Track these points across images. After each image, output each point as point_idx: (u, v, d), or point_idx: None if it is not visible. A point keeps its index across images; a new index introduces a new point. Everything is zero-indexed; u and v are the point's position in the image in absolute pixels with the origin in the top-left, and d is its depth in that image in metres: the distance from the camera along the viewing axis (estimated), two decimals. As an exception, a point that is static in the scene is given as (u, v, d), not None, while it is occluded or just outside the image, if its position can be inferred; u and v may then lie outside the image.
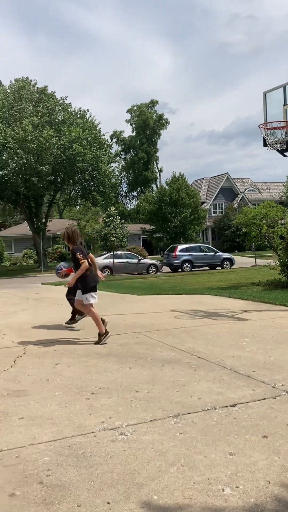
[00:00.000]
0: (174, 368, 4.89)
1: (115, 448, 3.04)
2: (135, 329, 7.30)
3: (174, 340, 6.30)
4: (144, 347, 5.98)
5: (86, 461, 2.86)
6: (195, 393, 4.07)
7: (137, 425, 3.40)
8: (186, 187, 37.31)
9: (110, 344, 6.19)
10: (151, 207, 37.13)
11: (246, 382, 4.33)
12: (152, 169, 69.86)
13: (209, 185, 53.55)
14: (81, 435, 3.26)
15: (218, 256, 26.91)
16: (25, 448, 3.07)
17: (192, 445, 3.04)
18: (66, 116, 31.50)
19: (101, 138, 32.67)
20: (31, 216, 34.16)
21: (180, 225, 35.57)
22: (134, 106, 68.59)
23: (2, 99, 30.27)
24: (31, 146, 27.23)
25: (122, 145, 69.31)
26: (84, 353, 5.72)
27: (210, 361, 5.13)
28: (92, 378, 4.65)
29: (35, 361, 5.42)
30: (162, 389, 4.22)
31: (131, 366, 5.04)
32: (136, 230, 44.15)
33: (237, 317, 8.15)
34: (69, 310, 7.87)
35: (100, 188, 33.02)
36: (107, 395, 4.09)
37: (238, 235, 43.22)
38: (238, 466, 2.74)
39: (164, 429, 3.33)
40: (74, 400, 3.99)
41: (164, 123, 68.93)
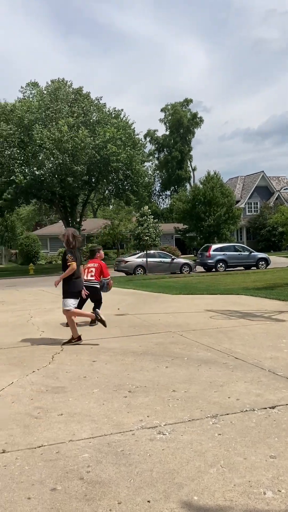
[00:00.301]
0: (211, 369, 4.86)
1: (153, 447, 3.04)
2: (170, 328, 7.29)
3: (210, 340, 6.25)
4: (180, 346, 5.96)
5: (125, 459, 2.88)
6: (233, 394, 4.02)
7: (175, 425, 3.40)
8: (220, 186, 36.92)
9: (146, 343, 6.20)
10: (185, 206, 36.94)
11: (285, 384, 4.25)
12: (186, 168, 69.57)
13: (244, 184, 52.83)
14: (120, 433, 3.28)
15: (253, 255, 26.51)
16: (64, 444, 3.11)
17: (231, 447, 3.01)
18: (101, 116, 31.75)
19: (135, 138, 32.75)
20: (66, 216, 34.64)
21: (214, 224, 35.23)
22: (168, 105, 68.50)
23: (39, 100, 30.82)
24: (67, 146, 27.60)
25: (155, 144, 69.34)
26: (121, 351, 5.75)
27: (248, 362, 5.06)
28: (129, 376, 4.67)
29: (72, 358, 5.49)
30: (199, 389, 4.19)
31: (168, 365, 5.03)
32: (169, 230, 44.08)
33: (274, 318, 8.01)
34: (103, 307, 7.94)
35: (134, 187, 33.12)
36: (145, 394, 4.10)
37: (273, 235, 42.49)
38: (280, 470, 2.69)
39: (203, 429, 3.30)
40: (111, 398, 4.02)
41: (198, 122, 68.54)
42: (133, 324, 7.80)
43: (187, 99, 69.03)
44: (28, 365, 5.19)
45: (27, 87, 33.05)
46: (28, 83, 32.99)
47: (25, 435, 3.27)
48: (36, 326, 7.91)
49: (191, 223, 36.88)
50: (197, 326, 7.39)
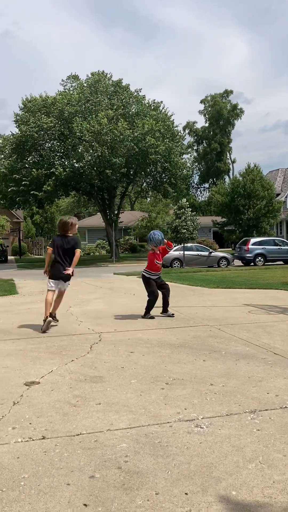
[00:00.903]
0: (249, 363, 4.79)
1: (191, 440, 3.03)
2: (208, 322, 7.24)
3: (249, 335, 6.17)
4: (218, 340, 5.92)
5: (162, 451, 2.88)
6: (272, 390, 3.96)
7: (212, 418, 3.37)
8: (260, 179, 36.22)
9: (183, 336, 6.19)
10: (223, 199, 36.48)
11: None
12: (225, 160, 68.65)
13: (284, 177, 51.60)
14: (157, 424, 3.29)
15: (293, 250, 25.94)
16: (103, 433, 3.15)
17: (270, 443, 2.96)
18: (140, 108, 31.71)
19: (174, 130, 32.56)
20: (104, 208, 34.94)
21: (254, 217, 34.64)
22: (208, 96, 67.68)
23: (79, 93, 31.10)
24: (106, 138, 27.75)
25: (194, 136, 68.71)
26: (158, 343, 5.76)
27: (287, 358, 4.96)
28: (166, 368, 4.67)
29: (110, 348, 5.54)
30: (237, 383, 4.15)
31: (205, 359, 5.00)
32: (207, 223, 43.68)
33: (315, 314, 7.81)
34: (140, 299, 7.97)
35: (172, 180, 32.98)
36: (182, 386, 4.09)
37: (314, 229, 41.32)
38: None
39: (241, 424, 3.27)
40: (149, 389, 4.03)
41: (239, 113, 67.37)
42: (170, 317, 7.78)
43: (227, 90, 67.99)
44: (67, 354, 5.28)
45: (68, 80, 33.43)
46: (69, 76, 33.36)
47: (64, 423, 3.33)
48: (74, 316, 8.03)
49: (230, 216, 36.41)
50: (235, 321, 7.31)
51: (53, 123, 29.58)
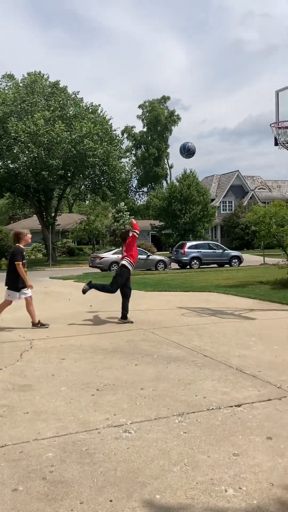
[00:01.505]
0: (179, 366, 4.89)
1: (119, 445, 3.04)
2: (142, 325, 7.30)
3: (181, 338, 6.29)
4: (151, 344, 5.98)
5: (89, 458, 2.87)
6: (200, 392, 4.06)
7: (141, 423, 3.40)
8: (196, 184, 37.15)
9: (117, 341, 6.20)
10: (161, 203, 37.03)
11: (252, 382, 4.31)
12: (163, 165, 69.69)
13: (219, 183, 53.31)
14: (85, 431, 3.27)
15: (226, 253, 26.79)
16: (29, 443, 3.08)
17: (196, 445, 3.04)
18: (78, 111, 31.48)
19: (112, 133, 32.65)
20: (40, 210, 34.27)
21: (190, 222, 35.45)
22: (146, 102, 68.42)
23: (15, 92, 30.33)
24: (42, 140, 27.28)
25: (133, 141, 69.17)
26: (90, 349, 5.73)
27: (216, 360, 5.12)
28: (97, 374, 4.66)
29: (41, 355, 5.44)
30: (167, 387, 4.21)
31: (137, 363, 5.04)
32: (145, 226, 44.07)
33: (244, 316, 8.11)
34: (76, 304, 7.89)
35: (110, 183, 33.03)
36: (112, 392, 4.10)
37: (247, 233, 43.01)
38: (242, 467, 2.73)
39: (169, 427, 3.32)
40: (79, 396, 4.00)
41: (176, 119, 68.67)
42: (105, 321, 7.78)
43: (164, 96, 69.13)
44: (-5, 363, 5.12)
45: (3, 79, 32.55)
46: (4, 75, 32.50)
47: (-11, 434, 3.23)
48: (5, 322, 7.79)
49: (167, 220, 37.02)
50: (168, 324, 7.43)
51: (-13, 123, 28.64)
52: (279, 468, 2.72)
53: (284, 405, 3.71)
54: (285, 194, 53.37)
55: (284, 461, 2.79)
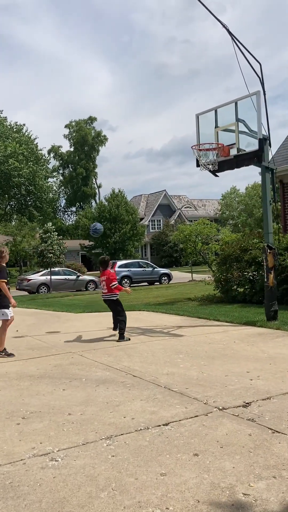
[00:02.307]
0: (108, 388, 4.86)
1: (44, 475, 2.95)
2: (71, 349, 7.19)
3: (110, 359, 6.27)
4: (79, 367, 5.90)
5: (13, 492, 2.75)
6: (128, 413, 4.05)
7: (68, 450, 3.33)
8: (125, 204, 37.65)
9: (44, 366, 6.05)
10: (90, 222, 37.01)
11: (180, 400, 4.38)
12: (91, 185, 69.82)
13: (147, 202, 54.33)
14: (10, 463, 3.14)
15: (156, 271, 27.20)
16: None
17: (123, 468, 3.02)
18: (2, 130, 30.89)
19: (38, 153, 32.37)
20: None
21: (120, 240, 35.75)
22: (73, 122, 68.50)
23: None
24: None
25: (60, 160, 68.75)
26: (17, 376, 5.54)
27: (145, 379, 5.14)
28: (23, 401, 4.51)
29: None
30: (95, 410, 4.17)
31: (65, 388, 4.94)
32: (75, 246, 43.74)
33: (172, 333, 8.25)
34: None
35: (37, 203, 32.59)
36: (39, 419, 3.98)
37: (175, 251, 44.05)
38: (169, 487, 2.75)
39: (96, 452, 3.28)
40: (3, 426, 3.84)
41: (103, 140, 69.35)
42: (32, 346, 7.57)
43: (91, 117, 69.61)
44: None
45: None
46: None
47: None
48: None
49: (97, 239, 37.02)
50: (98, 345, 7.38)
51: None
52: (205, 484, 2.77)
53: (210, 421, 3.80)
54: (210, 213, 55.48)
55: (209, 476, 2.85)
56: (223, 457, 3.11)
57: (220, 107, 9.60)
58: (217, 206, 55.34)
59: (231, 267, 12.19)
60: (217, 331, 8.20)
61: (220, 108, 9.60)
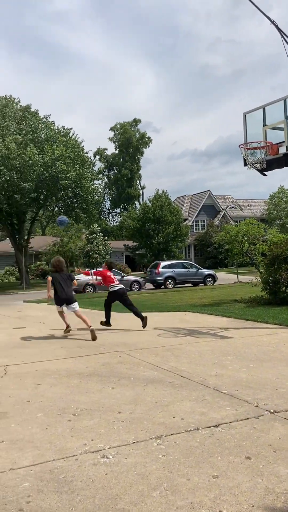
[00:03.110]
0: (157, 388, 4.86)
1: (97, 471, 2.99)
2: (118, 348, 7.25)
3: (157, 359, 6.27)
4: (127, 366, 5.94)
5: (67, 486, 2.80)
6: (178, 414, 4.04)
7: (119, 447, 3.36)
8: (168, 204, 37.59)
9: (93, 364, 6.13)
10: (134, 224, 37.25)
11: (229, 402, 4.32)
12: (135, 186, 70.30)
13: (191, 202, 54.04)
14: (63, 458, 3.21)
15: (200, 272, 27.01)
16: (4, 474, 3.00)
17: (175, 468, 3.01)
18: (50, 134, 31.58)
19: (84, 156, 32.79)
20: (13, 233, 33.91)
21: (163, 241, 35.72)
22: (117, 124, 69.25)
23: (-15, 116, 30.24)
24: (14, 163, 27.17)
25: (105, 163, 69.69)
26: (66, 374, 5.65)
27: (193, 380, 5.11)
28: (74, 399, 4.59)
29: (16, 381, 5.33)
30: (145, 409, 4.18)
31: (114, 386, 4.99)
32: (119, 247, 44.17)
33: (219, 335, 8.16)
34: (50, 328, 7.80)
35: (83, 205, 33.02)
36: (89, 417, 4.04)
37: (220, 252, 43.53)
38: (222, 489, 2.72)
39: (147, 451, 3.29)
40: (55, 422, 3.92)
41: (147, 141, 69.67)
42: (80, 345, 7.70)
43: (135, 119, 70.18)
44: None
45: (-27, 103, 32.38)
46: (-26, 99, 32.35)
47: None
48: (-21, 348, 7.63)
49: (141, 240, 37.20)
50: (144, 345, 7.40)
51: None
52: (258, 489, 2.71)
53: (261, 424, 3.73)
54: (256, 213, 54.47)
55: (263, 481, 2.80)
56: (277, 461, 3.04)
57: (268, 105, 9.44)
58: (263, 206, 54.25)
59: (279, 268, 11.92)
60: (265, 333, 8.04)
61: (268, 106, 9.43)
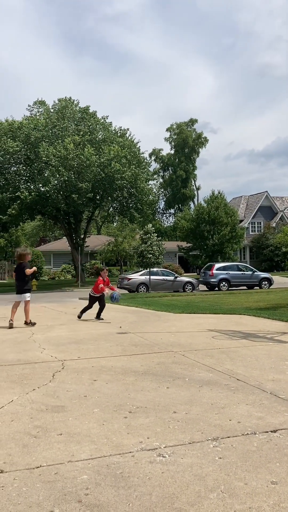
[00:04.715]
0: (212, 390, 4.82)
1: (153, 469, 3.00)
2: (172, 348, 7.25)
3: (212, 361, 6.21)
4: (182, 367, 5.93)
5: (124, 482, 2.84)
6: (234, 417, 3.98)
7: (175, 447, 3.36)
8: (224, 205, 37.07)
9: (148, 362, 6.17)
10: (189, 224, 37.04)
11: (287, 407, 4.20)
12: (190, 187, 70.01)
13: (247, 204, 53.04)
14: (119, 454, 3.25)
15: (256, 275, 26.47)
16: (63, 465, 3.08)
17: (232, 471, 2.97)
18: (107, 135, 32.10)
19: (140, 156, 33.04)
20: (70, 232, 34.78)
21: (218, 243, 35.27)
22: (173, 125, 69.26)
23: (46, 118, 31.23)
24: (72, 164, 27.86)
25: (160, 163, 69.93)
26: (122, 371, 5.72)
27: (249, 384, 5.02)
28: (129, 396, 4.64)
29: (73, 376, 5.46)
30: (200, 410, 4.15)
31: (169, 386, 5.00)
32: (173, 248, 44.13)
33: (276, 339, 7.96)
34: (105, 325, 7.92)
35: (138, 205, 33.29)
36: (145, 415, 4.06)
37: (276, 254, 42.44)
38: (281, 496, 2.65)
39: (203, 452, 3.26)
40: (112, 418, 3.98)
41: (203, 142, 69.19)
42: (135, 343, 7.77)
43: (192, 119, 69.89)
44: (28, 383, 5.17)
45: (35, 106, 33.55)
46: (36, 101, 33.50)
47: (23, 455, 3.24)
48: (37, 343, 7.88)
49: (195, 241, 36.93)
50: (199, 346, 7.35)
51: (19, 147, 29.51)
52: None
53: None
54: (315, 215, 52.58)
55: None
56: None
57: None
58: None
59: None
60: None
61: None
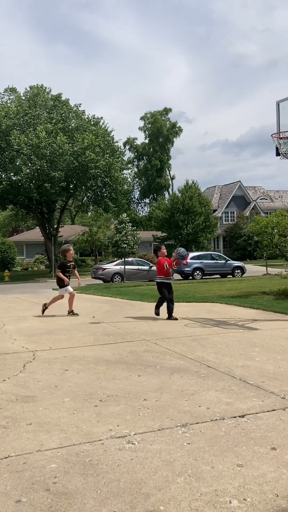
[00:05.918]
0: (183, 377, 4.87)
1: (122, 456, 3.03)
2: (145, 336, 7.29)
3: (184, 349, 6.28)
4: (153, 355, 5.97)
5: (93, 469, 2.85)
6: (203, 403, 4.04)
7: (144, 434, 3.39)
8: (198, 195, 37.31)
9: (120, 351, 6.19)
10: (163, 214, 37.16)
11: (256, 393, 4.29)
12: (165, 177, 70.02)
13: (221, 193, 53.49)
14: (89, 442, 3.26)
15: (229, 264, 26.80)
16: (32, 455, 3.07)
17: (199, 456, 3.02)
18: (80, 123, 31.78)
19: (114, 145, 32.87)
20: (43, 222, 34.41)
21: (192, 232, 35.54)
22: (148, 114, 68.95)
23: (17, 106, 30.65)
24: (44, 152, 27.49)
25: (135, 152, 69.63)
26: (93, 360, 5.72)
27: (219, 371, 5.10)
28: (100, 385, 4.65)
29: (44, 367, 5.43)
30: (170, 397, 4.20)
31: (140, 374, 5.03)
32: (148, 237, 44.19)
33: (247, 326, 8.09)
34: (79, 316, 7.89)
35: (112, 194, 33.19)
36: (116, 403, 4.08)
37: (249, 244, 43.03)
38: (246, 478, 2.71)
39: (172, 438, 3.31)
40: (82, 407, 3.99)
41: (178, 131, 69.15)
42: (108, 332, 7.78)
43: (166, 108, 69.71)
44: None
45: (5, 93, 32.89)
46: (6, 88, 32.84)
47: (-8, 446, 3.22)
48: (8, 334, 7.81)
49: (170, 231, 37.11)
50: (171, 334, 7.42)
51: (-10, 135, 28.92)
52: (283, 479, 2.69)
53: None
54: (287, 204, 53.47)
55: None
56: (303, 453, 3.01)
57: (303, 93, 9.19)
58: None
59: (310, 260, 11.68)
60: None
61: (303, 94, 9.18)
